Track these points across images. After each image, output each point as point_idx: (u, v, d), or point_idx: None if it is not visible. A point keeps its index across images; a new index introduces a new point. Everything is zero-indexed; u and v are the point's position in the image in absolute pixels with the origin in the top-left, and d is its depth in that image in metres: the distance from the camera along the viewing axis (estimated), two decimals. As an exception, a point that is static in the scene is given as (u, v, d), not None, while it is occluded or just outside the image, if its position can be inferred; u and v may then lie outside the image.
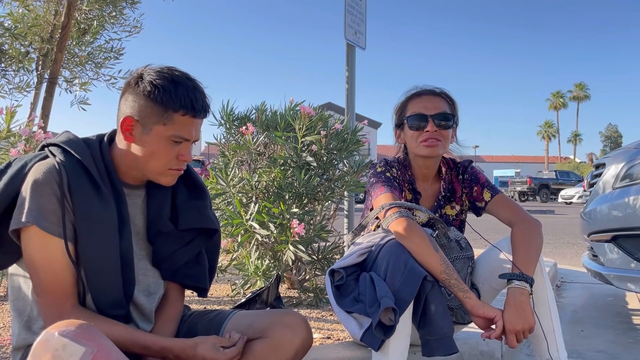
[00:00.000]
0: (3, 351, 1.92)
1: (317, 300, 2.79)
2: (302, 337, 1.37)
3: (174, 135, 1.28)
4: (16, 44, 3.47)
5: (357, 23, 3.97)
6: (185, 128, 1.29)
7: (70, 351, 0.97)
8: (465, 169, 1.93)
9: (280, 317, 1.40)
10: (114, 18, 3.84)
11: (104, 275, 1.26)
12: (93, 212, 1.24)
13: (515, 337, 1.53)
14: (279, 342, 1.35)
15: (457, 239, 1.78)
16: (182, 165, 1.33)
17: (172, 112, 1.26)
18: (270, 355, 1.34)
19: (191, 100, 1.27)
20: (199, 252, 1.48)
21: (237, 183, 2.76)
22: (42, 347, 0.98)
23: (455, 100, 1.88)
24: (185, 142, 1.31)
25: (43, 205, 1.19)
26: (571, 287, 4.21)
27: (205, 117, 1.34)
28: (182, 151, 1.31)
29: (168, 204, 1.42)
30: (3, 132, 2.40)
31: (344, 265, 1.67)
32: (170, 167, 1.32)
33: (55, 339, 0.98)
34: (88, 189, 1.25)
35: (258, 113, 3.04)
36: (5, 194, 1.24)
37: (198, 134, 1.33)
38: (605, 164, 3.19)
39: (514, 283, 1.59)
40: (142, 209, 1.39)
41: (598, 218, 3.03)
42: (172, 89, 1.26)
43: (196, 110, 1.28)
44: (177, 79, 1.28)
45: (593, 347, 2.59)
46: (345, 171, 3.00)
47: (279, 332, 1.36)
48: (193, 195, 1.47)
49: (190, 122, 1.29)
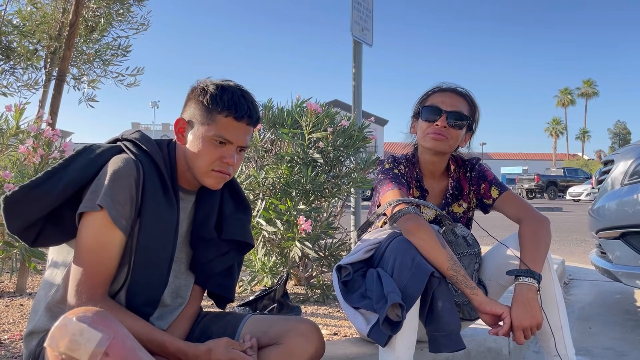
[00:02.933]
0: (13, 347, 1.94)
1: (324, 296, 2.79)
2: (316, 345, 1.41)
3: (215, 135, 1.34)
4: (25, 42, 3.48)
5: (363, 20, 3.96)
6: (227, 129, 1.34)
7: (87, 337, 0.99)
8: (473, 166, 1.92)
9: (295, 325, 1.43)
10: (121, 15, 3.85)
11: (150, 274, 1.32)
12: (159, 213, 1.31)
13: (522, 333, 1.52)
14: (293, 350, 1.38)
15: (464, 235, 1.78)
16: (226, 168, 1.37)
17: (216, 113, 1.34)
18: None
19: (235, 103, 1.34)
20: (232, 265, 1.54)
21: (244, 180, 2.77)
22: (60, 332, 1.00)
23: (477, 105, 1.87)
24: (229, 145, 1.36)
25: (117, 195, 1.24)
26: (579, 285, 4.19)
27: (251, 124, 1.38)
28: (225, 153, 1.35)
29: (215, 212, 1.48)
30: (12, 129, 2.41)
31: (351, 261, 1.67)
32: (214, 168, 1.36)
33: (73, 324, 1.00)
34: (158, 190, 1.32)
35: (265, 110, 3.05)
36: (81, 176, 1.29)
37: (243, 140, 1.37)
38: (614, 161, 3.17)
39: (522, 279, 1.59)
40: (190, 214, 1.46)
41: (606, 215, 3.02)
42: (218, 92, 1.35)
43: (237, 112, 1.33)
44: (226, 86, 1.37)
45: (601, 344, 2.58)
46: (352, 168, 3.00)
47: (293, 339, 1.39)
48: (239, 209, 1.54)
49: (233, 125, 1.34)
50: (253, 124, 1.40)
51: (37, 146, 2.29)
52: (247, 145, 1.40)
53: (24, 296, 2.76)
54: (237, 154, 1.38)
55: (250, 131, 1.40)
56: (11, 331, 2.12)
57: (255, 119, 1.39)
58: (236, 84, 1.41)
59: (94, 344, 0.99)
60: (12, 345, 1.96)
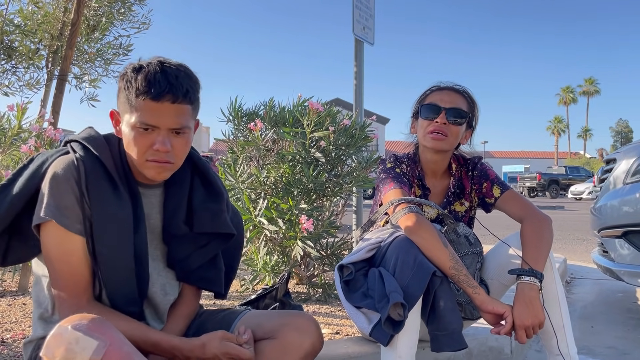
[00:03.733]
0: (15, 346, 1.95)
1: (326, 295, 2.79)
2: (312, 340, 1.36)
3: (139, 122, 1.22)
4: (26, 41, 3.49)
5: (365, 18, 3.95)
6: (147, 113, 1.21)
7: (83, 345, 0.98)
8: (474, 165, 1.92)
9: (291, 319, 1.39)
10: (122, 15, 3.85)
11: (118, 272, 1.26)
12: (109, 211, 1.24)
13: (524, 332, 1.52)
14: (288, 344, 1.34)
15: (466, 234, 1.78)
16: (161, 156, 1.24)
17: (134, 97, 1.21)
18: (278, 357, 1.33)
19: (149, 82, 1.20)
20: (215, 256, 1.46)
21: (246, 179, 2.77)
22: (55, 341, 0.99)
23: (476, 102, 1.88)
24: (157, 130, 1.23)
25: (61, 201, 1.20)
26: (581, 283, 4.19)
27: (179, 102, 1.23)
28: (154, 140, 1.23)
29: (184, 205, 1.39)
30: (14, 128, 2.42)
31: (352, 260, 1.67)
32: (147, 157, 1.25)
33: (68, 333, 0.99)
34: (105, 187, 1.25)
35: (266, 109, 3.05)
36: (26, 188, 1.26)
37: (174, 121, 1.23)
38: (616, 159, 3.16)
39: (524, 278, 1.59)
40: (159, 208, 1.38)
41: (608, 214, 3.01)
42: (134, 75, 1.22)
43: (153, 91, 1.19)
44: (144, 64, 1.23)
45: (603, 343, 2.58)
46: (354, 167, 3.00)
47: (288, 334, 1.35)
48: (210, 197, 1.42)
49: (153, 107, 1.20)
50: (183, 101, 1.23)
51: (40, 145, 2.29)
52: (185, 125, 1.25)
53: (26, 295, 2.76)
54: (173, 138, 1.25)
55: (183, 110, 1.24)
56: (13, 330, 2.13)
57: (183, 93, 1.22)
58: (160, 60, 1.25)
59: (90, 352, 0.98)
60: (14, 344, 1.96)
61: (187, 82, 1.24)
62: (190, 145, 1.32)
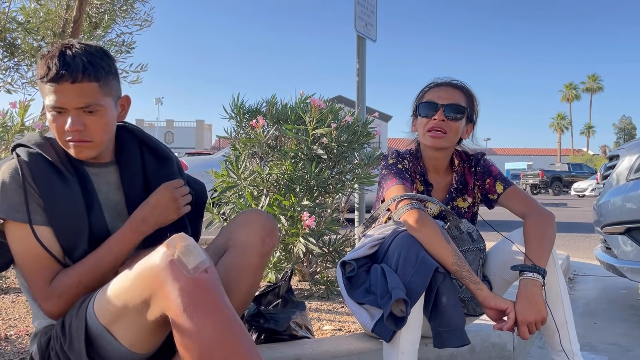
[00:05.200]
0: (19, 342, 1.95)
1: (328, 292, 2.80)
2: (261, 234, 1.42)
3: (49, 106, 1.28)
4: (29, 39, 3.49)
5: (367, 15, 3.95)
6: (52, 96, 1.26)
7: (198, 251, 1.15)
8: (477, 161, 1.92)
9: (237, 220, 1.46)
10: (124, 12, 3.85)
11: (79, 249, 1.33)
12: (56, 192, 1.31)
13: (527, 328, 1.53)
14: (240, 252, 1.40)
15: (468, 231, 1.78)
16: (74, 136, 1.29)
17: (40, 82, 1.27)
18: (233, 266, 1.40)
19: (47, 66, 1.25)
20: (180, 219, 1.49)
21: (248, 176, 2.77)
22: (181, 238, 1.15)
23: (475, 96, 1.87)
24: (66, 111, 1.28)
25: (11, 199, 1.28)
26: (584, 280, 4.18)
27: (79, 80, 1.25)
28: (65, 121, 1.28)
29: (139, 175, 1.46)
30: (17, 125, 2.42)
31: (355, 257, 1.67)
32: (65, 138, 1.31)
33: (191, 240, 1.16)
34: (49, 174, 1.31)
35: (268, 106, 3.05)
36: None
37: (77, 101, 1.27)
38: (619, 156, 3.15)
39: (526, 274, 1.59)
40: (117, 184, 1.44)
41: (611, 210, 3.01)
42: (40, 61, 1.27)
43: (49, 75, 1.24)
44: (49, 50, 1.29)
45: (606, 340, 2.58)
46: (356, 164, 3.00)
47: (236, 241, 1.42)
48: (159, 162, 1.49)
49: (55, 90, 1.25)
50: (84, 79, 1.26)
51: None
52: (92, 103, 1.28)
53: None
54: (85, 117, 1.29)
55: (87, 88, 1.26)
56: (17, 327, 2.14)
57: (82, 71, 1.25)
58: (65, 43, 1.29)
59: (202, 258, 1.14)
60: (18, 340, 1.97)
61: (88, 59, 1.26)
62: (110, 122, 1.35)
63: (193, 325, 1.10)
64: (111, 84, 1.34)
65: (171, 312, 1.12)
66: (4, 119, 2.36)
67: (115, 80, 1.36)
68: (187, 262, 1.13)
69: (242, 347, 1.12)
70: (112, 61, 1.35)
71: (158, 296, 1.13)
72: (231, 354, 1.11)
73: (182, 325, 1.10)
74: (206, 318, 1.10)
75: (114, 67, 1.36)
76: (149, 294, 1.15)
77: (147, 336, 1.22)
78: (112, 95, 1.35)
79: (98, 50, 1.32)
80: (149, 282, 1.14)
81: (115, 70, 1.36)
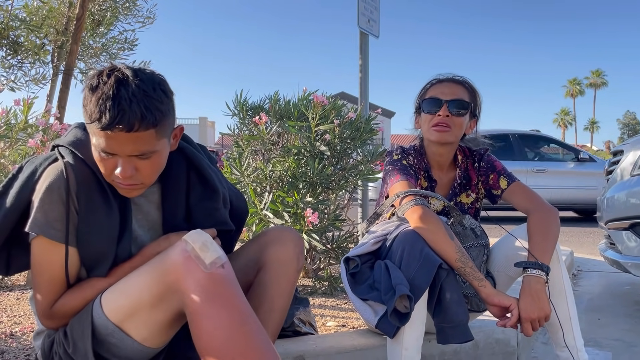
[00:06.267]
0: (24, 339, 1.96)
1: (332, 288, 2.80)
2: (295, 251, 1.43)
3: (97, 146, 1.17)
4: (32, 37, 3.50)
5: (370, 11, 3.93)
6: (103, 141, 1.15)
7: (215, 248, 1.16)
8: (481, 156, 1.92)
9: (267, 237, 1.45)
10: (127, 9, 3.85)
11: (95, 269, 1.29)
12: (96, 219, 1.25)
13: (530, 325, 1.52)
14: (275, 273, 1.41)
15: (472, 227, 1.78)
16: (127, 180, 1.19)
17: (89, 122, 1.16)
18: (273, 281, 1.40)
19: (100, 110, 1.12)
20: (228, 236, 1.48)
21: (251, 173, 2.77)
22: (199, 235, 1.16)
23: (477, 90, 1.87)
24: (115, 156, 1.17)
25: (49, 214, 1.21)
26: (588, 276, 4.17)
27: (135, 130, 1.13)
28: (116, 164, 1.18)
29: (182, 203, 1.38)
30: (21, 123, 2.43)
31: (358, 253, 1.67)
32: (113, 179, 1.22)
33: (209, 237, 1.17)
34: (95, 196, 1.24)
35: (271, 103, 3.04)
36: (18, 201, 1.26)
37: (132, 148, 1.16)
38: (623, 151, 3.14)
39: (530, 271, 1.58)
40: (158, 204, 1.38)
41: (615, 206, 3.00)
42: (89, 95, 1.15)
43: (101, 120, 1.11)
44: (100, 85, 1.14)
45: (610, 336, 2.57)
46: (359, 160, 2.99)
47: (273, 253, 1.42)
48: (205, 195, 1.39)
49: (107, 136, 1.13)
50: (140, 128, 1.13)
51: (46, 140, 2.30)
52: (147, 150, 1.17)
53: (35, 289, 2.78)
54: (137, 162, 1.19)
55: (142, 136, 1.14)
56: (22, 324, 2.14)
57: (138, 121, 1.12)
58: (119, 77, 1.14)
59: (218, 254, 1.15)
60: (23, 337, 1.98)
61: (145, 105, 1.13)
62: (162, 162, 1.25)
63: (210, 320, 1.10)
64: (168, 123, 1.21)
65: (188, 307, 1.12)
66: (8, 117, 2.36)
67: (172, 117, 1.23)
68: (204, 258, 1.13)
69: (259, 342, 1.13)
70: (170, 96, 1.22)
71: (174, 291, 1.14)
72: (248, 348, 1.11)
73: (199, 320, 1.11)
74: (223, 313, 1.11)
75: (172, 103, 1.23)
76: (165, 288, 1.15)
77: (161, 330, 1.22)
78: (168, 134, 1.24)
79: (156, 87, 1.17)
80: (165, 277, 1.14)
81: (172, 106, 1.23)
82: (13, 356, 1.76)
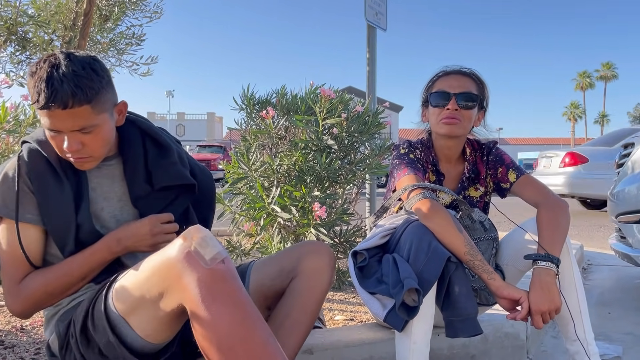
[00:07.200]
0: (34, 332, 1.98)
1: (340, 282, 2.80)
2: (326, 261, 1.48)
3: (45, 127, 1.29)
4: (40, 32, 3.51)
5: (377, 4, 3.91)
6: (46, 120, 1.26)
7: (215, 243, 1.17)
8: (489, 150, 1.90)
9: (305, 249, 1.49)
10: (134, 4, 3.85)
11: (65, 246, 1.36)
12: (48, 191, 1.34)
13: (541, 318, 1.51)
14: (311, 274, 1.46)
15: (481, 220, 1.76)
16: (75, 154, 1.30)
17: (32, 105, 1.35)
18: (308, 289, 1.45)
19: (36, 92, 1.23)
20: (186, 209, 1.52)
21: (259, 167, 2.77)
22: (197, 230, 1.17)
23: (485, 82, 1.85)
24: (62, 134, 1.28)
25: (7, 197, 1.33)
26: (598, 270, 4.15)
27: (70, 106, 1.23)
28: (63, 140, 1.29)
29: (141, 166, 1.46)
30: (29, 118, 2.44)
31: (366, 246, 1.66)
32: (64, 155, 1.33)
33: (207, 232, 1.18)
34: (45, 172, 1.35)
35: (278, 97, 3.04)
36: None
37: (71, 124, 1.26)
38: (634, 144, 3.11)
39: (540, 263, 1.57)
40: (121, 176, 1.46)
41: (626, 199, 2.97)
42: (29, 80, 1.26)
43: (40, 103, 1.23)
44: (37, 68, 1.25)
45: (620, 329, 2.55)
46: (367, 154, 2.98)
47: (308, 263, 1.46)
48: (160, 154, 1.49)
49: (47, 114, 1.24)
50: (75, 105, 1.23)
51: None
52: (87, 125, 1.27)
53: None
54: (81, 136, 1.29)
55: (78, 112, 1.25)
56: (32, 318, 2.16)
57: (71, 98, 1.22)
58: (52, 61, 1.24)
59: (218, 249, 1.16)
60: (33, 331, 1.99)
61: (75, 83, 1.23)
62: (107, 135, 1.34)
63: (211, 316, 1.11)
64: (104, 99, 1.30)
65: (189, 303, 1.13)
66: (16, 112, 2.37)
67: (108, 92, 1.32)
68: (204, 254, 1.14)
69: (262, 337, 1.13)
70: (103, 74, 1.30)
71: (175, 287, 1.14)
72: (251, 343, 1.11)
73: (200, 316, 1.11)
74: (224, 308, 1.11)
75: (106, 78, 1.31)
76: (166, 285, 1.16)
77: (163, 327, 1.24)
78: (107, 109, 1.32)
79: (86, 66, 1.26)
80: (166, 273, 1.15)
81: (107, 81, 1.31)
82: (24, 349, 1.78)
